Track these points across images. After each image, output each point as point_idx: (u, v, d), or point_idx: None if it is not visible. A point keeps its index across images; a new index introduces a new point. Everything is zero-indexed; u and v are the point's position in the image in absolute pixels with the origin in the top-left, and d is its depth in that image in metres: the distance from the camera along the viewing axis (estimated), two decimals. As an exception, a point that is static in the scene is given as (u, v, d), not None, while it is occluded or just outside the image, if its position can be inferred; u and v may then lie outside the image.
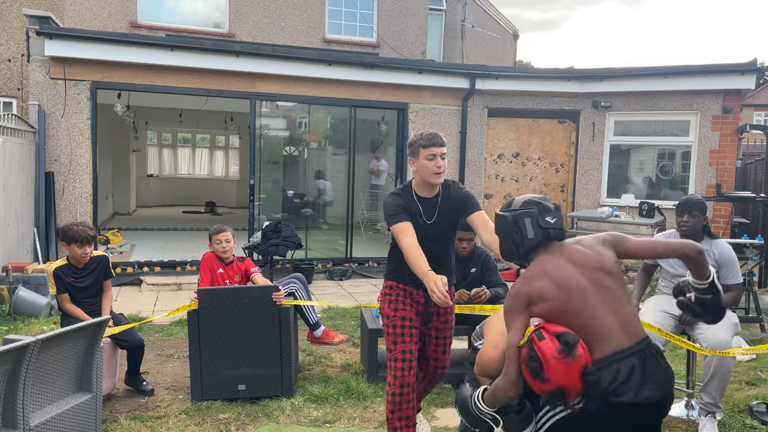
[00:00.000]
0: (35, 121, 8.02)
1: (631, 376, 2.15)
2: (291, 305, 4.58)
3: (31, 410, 2.81)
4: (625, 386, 2.14)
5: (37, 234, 7.93)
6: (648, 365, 2.19)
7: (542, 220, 2.45)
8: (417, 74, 9.55)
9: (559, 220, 2.48)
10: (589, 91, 9.85)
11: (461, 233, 4.71)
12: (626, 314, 2.26)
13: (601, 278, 2.30)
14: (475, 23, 16.92)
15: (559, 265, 2.35)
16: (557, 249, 2.43)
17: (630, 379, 2.15)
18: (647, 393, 2.15)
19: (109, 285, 4.57)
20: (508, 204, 2.56)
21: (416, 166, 3.24)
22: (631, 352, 2.19)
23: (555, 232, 2.46)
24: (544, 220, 2.45)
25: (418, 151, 3.20)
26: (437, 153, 3.17)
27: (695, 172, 9.56)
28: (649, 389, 2.16)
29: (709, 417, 3.82)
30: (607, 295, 2.27)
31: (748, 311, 6.61)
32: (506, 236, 2.51)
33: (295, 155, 11.93)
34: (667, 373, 2.23)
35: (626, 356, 2.18)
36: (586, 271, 2.32)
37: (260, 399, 4.29)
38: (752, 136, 16.40)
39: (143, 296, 7.59)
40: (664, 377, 2.21)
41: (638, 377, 2.15)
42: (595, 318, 2.23)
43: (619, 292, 2.30)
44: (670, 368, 2.28)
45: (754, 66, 9.10)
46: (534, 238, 2.44)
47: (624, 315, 2.26)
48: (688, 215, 4.08)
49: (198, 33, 12.74)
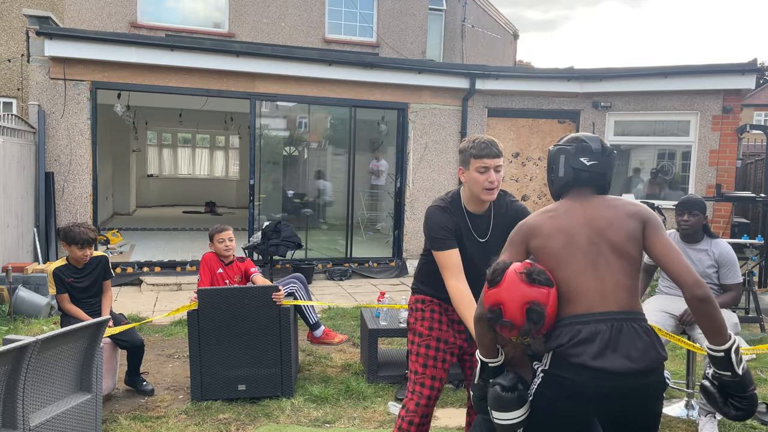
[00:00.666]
0: (35, 121, 8.01)
1: (592, 339, 2.03)
2: (291, 305, 4.58)
3: (31, 410, 2.81)
4: (581, 347, 2.03)
5: (37, 234, 7.93)
6: (622, 337, 2.04)
7: (575, 160, 2.26)
8: (417, 74, 9.55)
9: (600, 164, 2.26)
10: (589, 91, 9.85)
11: None
12: (613, 283, 2.11)
13: (602, 244, 2.15)
14: (475, 23, 16.92)
15: (573, 213, 2.22)
16: (585, 197, 2.26)
17: (590, 342, 2.03)
18: (611, 363, 1.99)
19: (108, 285, 4.57)
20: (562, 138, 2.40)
21: (466, 178, 2.82)
22: (601, 318, 2.06)
23: (588, 176, 2.26)
24: (577, 160, 2.26)
25: (469, 160, 2.79)
26: (491, 165, 2.76)
27: (695, 172, 9.56)
28: (615, 360, 2.00)
29: (709, 417, 3.83)
30: (599, 261, 2.13)
31: (748, 311, 6.61)
32: (548, 170, 2.38)
33: (295, 155, 11.93)
34: (645, 351, 2.04)
35: (593, 321, 2.06)
36: (592, 231, 2.17)
37: (260, 399, 4.29)
38: (752, 136, 16.40)
39: (143, 296, 7.59)
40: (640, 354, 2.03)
41: (602, 343, 2.02)
42: (577, 275, 2.12)
43: (618, 263, 2.14)
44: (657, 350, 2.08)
45: (754, 66, 9.10)
46: (563, 178, 2.28)
47: (610, 283, 2.11)
48: (688, 214, 4.08)
49: (198, 33, 12.75)
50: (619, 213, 2.18)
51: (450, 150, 9.91)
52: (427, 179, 9.78)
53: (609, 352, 2.02)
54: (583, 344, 2.04)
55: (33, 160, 7.96)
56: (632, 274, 2.15)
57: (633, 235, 2.15)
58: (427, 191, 9.75)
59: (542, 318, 2.07)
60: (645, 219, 2.18)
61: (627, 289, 2.12)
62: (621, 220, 2.17)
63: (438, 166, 9.90)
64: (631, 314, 2.10)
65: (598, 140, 2.32)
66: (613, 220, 2.17)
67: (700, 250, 4.12)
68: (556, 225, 2.20)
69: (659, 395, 2.13)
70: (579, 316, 2.09)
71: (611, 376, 2.00)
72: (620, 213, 2.18)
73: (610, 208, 2.21)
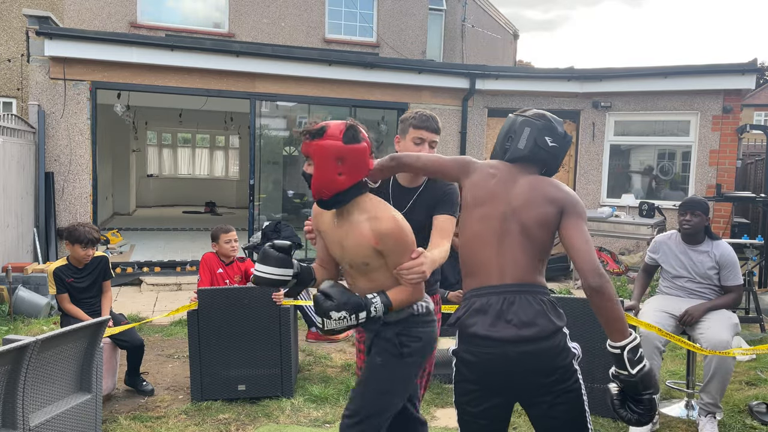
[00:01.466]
0: (35, 121, 8.01)
1: (485, 311, 2.10)
2: (291, 305, 4.58)
3: (30, 410, 2.81)
4: (475, 318, 2.11)
5: (37, 234, 7.93)
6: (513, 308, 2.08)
7: (540, 137, 2.24)
8: (417, 74, 9.55)
9: (559, 147, 2.27)
10: (589, 91, 9.84)
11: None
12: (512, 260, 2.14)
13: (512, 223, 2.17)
14: (475, 23, 16.91)
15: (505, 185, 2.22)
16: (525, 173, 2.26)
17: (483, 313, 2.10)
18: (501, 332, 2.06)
19: (108, 285, 4.57)
20: (526, 109, 2.36)
21: (399, 147, 2.80)
22: (494, 290, 2.13)
23: (545, 156, 2.26)
24: (542, 138, 2.24)
25: (408, 130, 2.79)
26: (427, 138, 2.77)
27: (695, 172, 9.56)
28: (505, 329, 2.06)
29: (709, 417, 3.82)
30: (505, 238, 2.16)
31: (748, 311, 6.61)
32: (502, 136, 2.33)
33: (295, 155, 11.92)
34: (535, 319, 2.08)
35: (487, 293, 2.13)
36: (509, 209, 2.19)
37: (260, 399, 4.29)
38: (752, 136, 16.40)
39: (143, 296, 7.59)
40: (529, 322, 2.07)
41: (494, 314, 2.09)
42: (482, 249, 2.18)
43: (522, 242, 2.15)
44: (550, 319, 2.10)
45: (754, 66, 9.10)
46: (522, 150, 2.25)
47: (509, 260, 2.14)
48: (690, 214, 4.08)
49: (198, 33, 12.74)
50: (538, 196, 2.19)
51: (450, 150, 9.90)
52: (427, 179, 9.79)
53: (501, 322, 2.08)
54: (476, 315, 2.12)
55: (33, 160, 7.96)
56: (534, 254, 2.18)
57: (545, 219, 2.16)
58: (427, 191, 9.75)
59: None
60: (563, 206, 2.17)
61: (525, 266, 2.15)
62: (538, 204, 2.17)
63: (438, 166, 9.89)
64: (525, 286, 2.13)
65: (562, 123, 2.33)
66: (530, 201, 2.18)
67: (701, 252, 4.11)
68: (488, 188, 2.23)
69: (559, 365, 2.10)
70: (476, 289, 2.17)
71: (501, 344, 2.06)
72: (540, 196, 2.19)
73: (533, 189, 2.21)
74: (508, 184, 2.23)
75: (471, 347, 2.12)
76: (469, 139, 9.95)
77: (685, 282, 4.14)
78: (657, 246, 4.29)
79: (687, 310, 3.99)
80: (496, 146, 2.37)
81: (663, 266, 4.25)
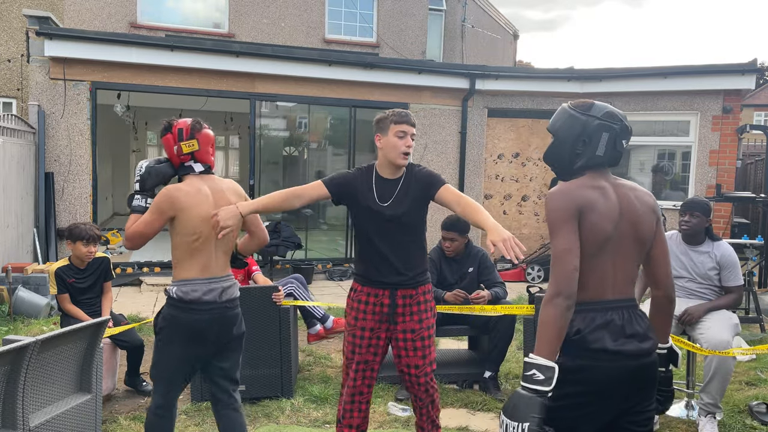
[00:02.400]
0: (35, 122, 8.01)
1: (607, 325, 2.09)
2: (291, 305, 4.58)
3: (30, 411, 2.81)
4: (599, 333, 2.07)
5: (37, 234, 7.93)
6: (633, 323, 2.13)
7: (619, 142, 2.16)
8: (417, 74, 9.55)
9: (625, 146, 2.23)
10: (589, 91, 9.84)
11: (443, 232, 4.69)
12: (627, 272, 2.15)
13: (629, 236, 2.13)
14: (475, 23, 16.92)
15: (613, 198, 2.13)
16: (612, 181, 2.18)
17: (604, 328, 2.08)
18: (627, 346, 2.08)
19: (109, 286, 4.58)
20: (585, 106, 2.21)
21: (382, 144, 3.01)
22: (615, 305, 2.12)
23: (619, 158, 2.20)
24: (621, 142, 2.17)
25: (388, 126, 2.98)
26: (408, 132, 2.97)
27: (695, 172, 9.56)
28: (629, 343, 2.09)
29: (709, 417, 3.82)
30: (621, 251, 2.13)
31: (748, 311, 6.61)
32: (568, 140, 2.19)
33: (295, 155, 11.93)
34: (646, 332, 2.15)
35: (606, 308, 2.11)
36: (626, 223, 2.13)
37: (260, 399, 4.29)
38: (752, 136, 16.40)
39: (143, 296, 7.59)
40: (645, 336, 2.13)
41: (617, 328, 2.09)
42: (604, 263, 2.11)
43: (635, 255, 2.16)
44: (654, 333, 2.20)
45: (754, 66, 9.10)
46: (602, 157, 2.15)
47: (624, 272, 2.14)
48: (689, 215, 4.08)
49: (198, 33, 12.74)
50: (646, 208, 2.18)
51: (450, 150, 9.91)
52: (427, 179, 9.78)
53: (625, 336, 2.09)
54: (600, 329, 2.08)
55: (33, 160, 7.96)
56: (639, 265, 2.23)
57: (652, 230, 2.19)
58: (427, 191, 9.74)
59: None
60: (658, 215, 2.22)
61: (633, 280, 2.19)
62: (648, 216, 2.18)
63: (438, 166, 9.89)
64: (633, 302, 2.18)
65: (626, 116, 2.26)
66: (642, 214, 2.16)
67: (702, 252, 4.11)
68: (608, 207, 2.11)
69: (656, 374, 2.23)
70: (593, 303, 2.11)
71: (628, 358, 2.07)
72: (646, 208, 2.18)
73: (638, 200, 2.17)
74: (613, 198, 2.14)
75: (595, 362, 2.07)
76: (469, 139, 9.95)
77: (686, 282, 4.14)
78: None
79: (687, 309, 3.99)
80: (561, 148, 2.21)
81: None
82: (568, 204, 2.08)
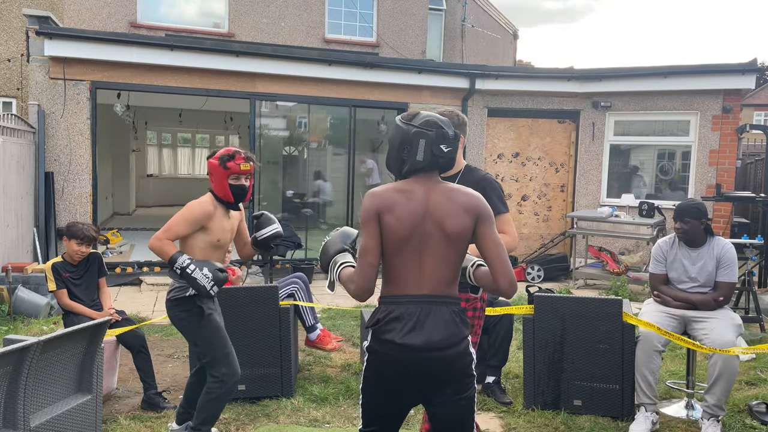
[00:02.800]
0: (35, 121, 8.01)
1: (402, 318, 2.25)
2: (290, 305, 4.58)
3: (31, 411, 2.81)
4: (392, 324, 2.26)
5: (37, 234, 7.93)
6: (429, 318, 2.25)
7: (436, 147, 2.33)
8: (417, 74, 9.55)
9: (453, 149, 2.37)
10: (589, 90, 9.85)
11: None
12: (431, 271, 2.28)
13: (435, 234, 2.28)
14: (475, 23, 16.91)
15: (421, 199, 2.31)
16: (432, 182, 2.35)
17: (400, 320, 2.25)
18: (414, 339, 2.22)
19: (104, 282, 4.59)
20: (411, 116, 2.40)
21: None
22: (413, 299, 2.27)
23: (444, 161, 2.36)
24: (438, 147, 2.33)
25: None
26: None
27: (695, 172, 9.56)
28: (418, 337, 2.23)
29: (712, 420, 3.79)
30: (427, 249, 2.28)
31: (748, 311, 6.61)
32: (395, 148, 2.39)
33: (295, 155, 11.92)
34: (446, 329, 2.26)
35: (406, 302, 2.27)
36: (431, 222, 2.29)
37: (260, 399, 4.29)
38: (752, 136, 16.40)
39: (143, 296, 7.59)
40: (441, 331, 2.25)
41: (410, 322, 2.24)
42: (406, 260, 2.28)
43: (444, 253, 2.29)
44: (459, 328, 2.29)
45: (754, 66, 9.10)
46: (422, 162, 2.33)
47: (428, 271, 2.28)
48: (680, 222, 4.09)
49: (198, 33, 12.73)
50: (457, 207, 2.30)
51: (450, 150, 9.89)
52: (427, 179, 9.77)
53: (416, 330, 2.24)
54: (394, 322, 2.26)
55: (33, 160, 7.96)
56: (455, 263, 2.33)
57: (465, 229, 2.29)
58: (427, 191, 9.73)
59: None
60: (478, 214, 2.30)
61: (443, 277, 2.30)
62: (458, 214, 2.29)
63: (438, 166, 9.89)
64: (441, 298, 2.30)
65: (450, 123, 2.39)
66: (450, 213, 2.29)
67: (703, 256, 4.08)
68: (408, 209, 2.28)
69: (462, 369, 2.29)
70: (396, 296, 2.30)
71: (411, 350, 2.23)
72: (458, 207, 2.30)
73: (450, 200, 2.31)
74: (422, 199, 2.31)
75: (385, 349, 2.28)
76: (469, 139, 9.94)
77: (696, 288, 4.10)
78: (661, 255, 4.24)
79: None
80: (391, 155, 2.42)
81: (669, 274, 4.21)
82: (369, 206, 2.31)
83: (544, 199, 10.30)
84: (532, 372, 4.24)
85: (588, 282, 8.86)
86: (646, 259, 8.88)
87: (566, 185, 10.31)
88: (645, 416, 3.89)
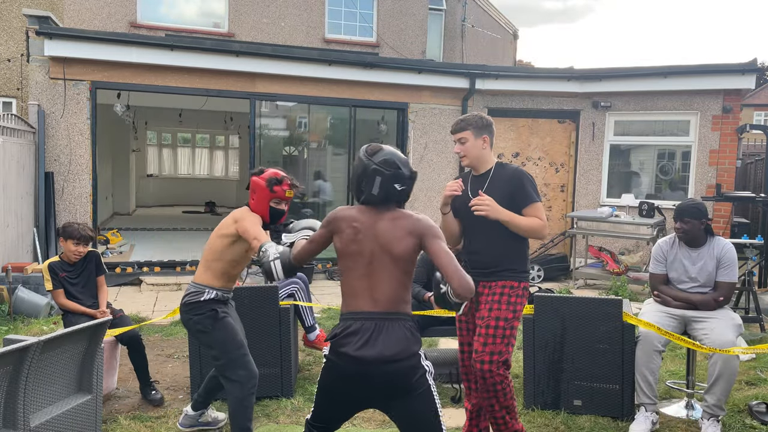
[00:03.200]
0: (35, 121, 8.01)
1: (357, 332, 2.45)
2: (291, 305, 4.58)
3: (31, 411, 2.81)
4: (348, 338, 2.46)
5: (37, 234, 7.93)
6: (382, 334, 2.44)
7: (390, 185, 2.57)
8: (417, 74, 9.55)
9: (407, 188, 2.62)
10: (589, 90, 9.85)
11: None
12: (383, 289, 2.51)
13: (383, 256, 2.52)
14: (475, 23, 16.91)
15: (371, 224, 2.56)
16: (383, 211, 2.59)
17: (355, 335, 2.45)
18: (367, 353, 2.41)
19: (103, 281, 4.59)
20: (374, 151, 2.64)
21: None
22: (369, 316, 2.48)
23: (397, 197, 2.61)
24: (392, 186, 2.58)
25: None
26: (455, 139, 3.44)
27: (695, 172, 9.56)
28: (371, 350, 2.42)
29: (712, 421, 3.79)
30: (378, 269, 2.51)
31: (748, 311, 6.61)
32: (358, 177, 2.63)
33: (295, 155, 11.93)
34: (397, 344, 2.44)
35: (362, 318, 2.48)
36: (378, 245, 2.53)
37: (260, 399, 4.29)
38: (752, 136, 16.40)
39: (143, 296, 7.59)
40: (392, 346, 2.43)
41: (364, 336, 2.44)
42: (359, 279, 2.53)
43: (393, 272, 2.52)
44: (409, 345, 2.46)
45: (754, 66, 9.10)
46: (376, 196, 2.58)
47: (380, 290, 2.51)
48: (680, 222, 4.09)
49: (198, 33, 12.74)
50: (401, 231, 2.53)
51: (450, 150, 9.89)
52: (428, 179, 9.78)
53: (369, 344, 2.43)
54: (350, 336, 2.46)
55: (33, 160, 7.96)
56: (404, 283, 2.55)
57: (409, 250, 2.53)
58: (427, 191, 9.74)
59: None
60: (420, 234, 2.52)
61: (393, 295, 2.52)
62: (402, 237, 2.52)
63: (438, 165, 9.90)
64: (395, 315, 2.50)
65: (408, 164, 2.64)
66: (396, 237, 2.52)
67: (704, 256, 4.08)
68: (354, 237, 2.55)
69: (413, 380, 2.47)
70: (353, 313, 2.52)
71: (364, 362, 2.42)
72: (402, 231, 2.53)
73: (396, 227, 2.54)
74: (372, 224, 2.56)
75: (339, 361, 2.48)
76: (469, 139, 9.93)
77: (696, 288, 4.10)
78: (661, 255, 4.24)
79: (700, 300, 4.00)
80: (353, 181, 2.67)
81: (669, 274, 4.21)
82: (327, 219, 2.65)
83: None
84: (532, 372, 4.24)
85: (588, 282, 8.86)
86: (646, 259, 8.88)
87: (566, 185, 10.31)
88: (645, 416, 3.89)
